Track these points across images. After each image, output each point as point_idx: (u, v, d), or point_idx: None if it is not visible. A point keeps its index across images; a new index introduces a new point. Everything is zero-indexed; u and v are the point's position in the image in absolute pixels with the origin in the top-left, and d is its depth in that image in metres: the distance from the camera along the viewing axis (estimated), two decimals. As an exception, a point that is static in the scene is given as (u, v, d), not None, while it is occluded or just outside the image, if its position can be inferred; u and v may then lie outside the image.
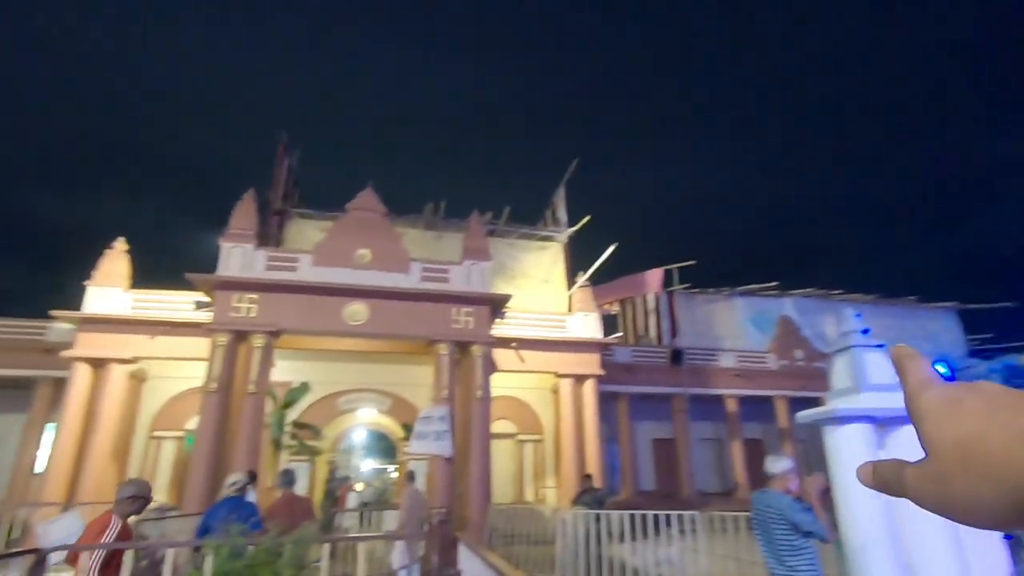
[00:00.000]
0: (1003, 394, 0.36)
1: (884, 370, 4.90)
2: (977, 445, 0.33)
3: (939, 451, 0.36)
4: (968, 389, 0.37)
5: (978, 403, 0.35)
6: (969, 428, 0.34)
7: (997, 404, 0.35)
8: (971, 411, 0.35)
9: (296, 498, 6.38)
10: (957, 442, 0.34)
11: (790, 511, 4.00)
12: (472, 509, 11.09)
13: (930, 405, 0.38)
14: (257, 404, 10.83)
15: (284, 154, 15.93)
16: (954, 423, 0.35)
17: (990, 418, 0.34)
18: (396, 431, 16.57)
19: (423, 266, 12.48)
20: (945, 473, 0.35)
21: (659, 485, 18.39)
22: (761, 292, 21.64)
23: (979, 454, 0.33)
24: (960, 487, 0.34)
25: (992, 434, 0.33)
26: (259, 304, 11.14)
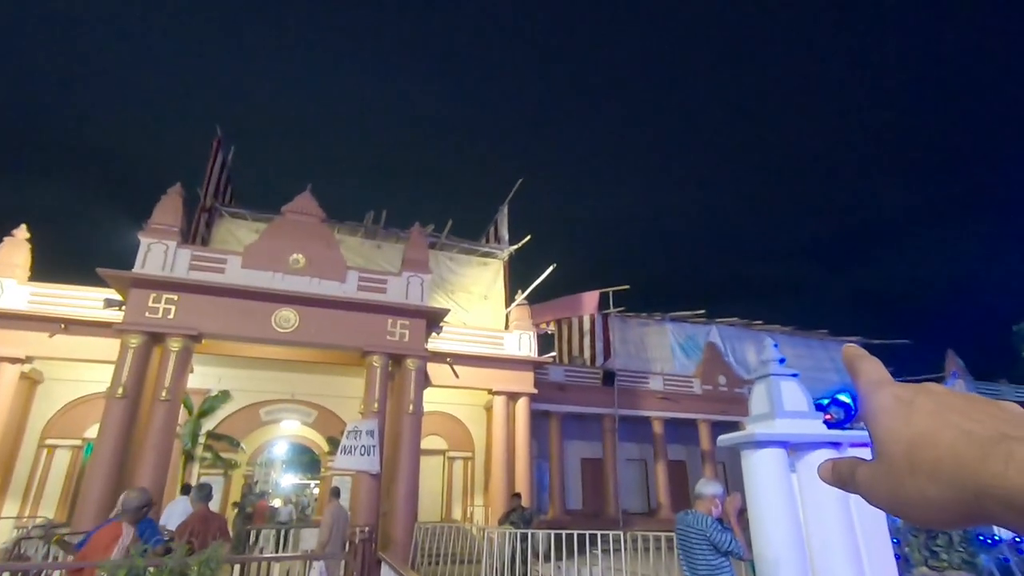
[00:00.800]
0: (952, 396, 0.37)
1: (797, 398, 5.22)
2: (926, 447, 0.34)
3: (889, 452, 0.36)
4: (918, 391, 0.38)
5: (928, 404, 0.36)
6: (919, 429, 0.35)
7: (946, 405, 0.36)
8: (921, 412, 0.36)
9: (211, 515, 5.95)
10: (907, 443, 0.35)
11: (711, 531, 4.16)
12: (397, 528, 10.76)
13: (881, 405, 0.38)
14: (169, 412, 10.08)
15: (218, 149, 15.16)
16: (904, 424, 0.36)
17: (939, 419, 0.35)
18: (321, 445, 15.92)
19: (360, 275, 12.16)
20: (895, 474, 0.36)
21: (586, 504, 18.60)
22: (689, 319, 22.60)
23: (928, 456, 0.34)
24: (910, 488, 0.34)
25: (941, 435, 0.34)
26: (178, 305, 10.44)
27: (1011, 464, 0.29)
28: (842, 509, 4.64)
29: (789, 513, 4.61)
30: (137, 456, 9.66)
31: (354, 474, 11.02)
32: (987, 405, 0.36)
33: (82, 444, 13.40)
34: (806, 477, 4.82)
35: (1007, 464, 0.29)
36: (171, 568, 3.21)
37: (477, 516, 15.55)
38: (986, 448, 0.31)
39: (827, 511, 4.60)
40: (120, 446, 9.45)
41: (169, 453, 10.17)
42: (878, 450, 0.37)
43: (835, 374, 23.11)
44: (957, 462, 0.32)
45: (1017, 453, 0.30)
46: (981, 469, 0.30)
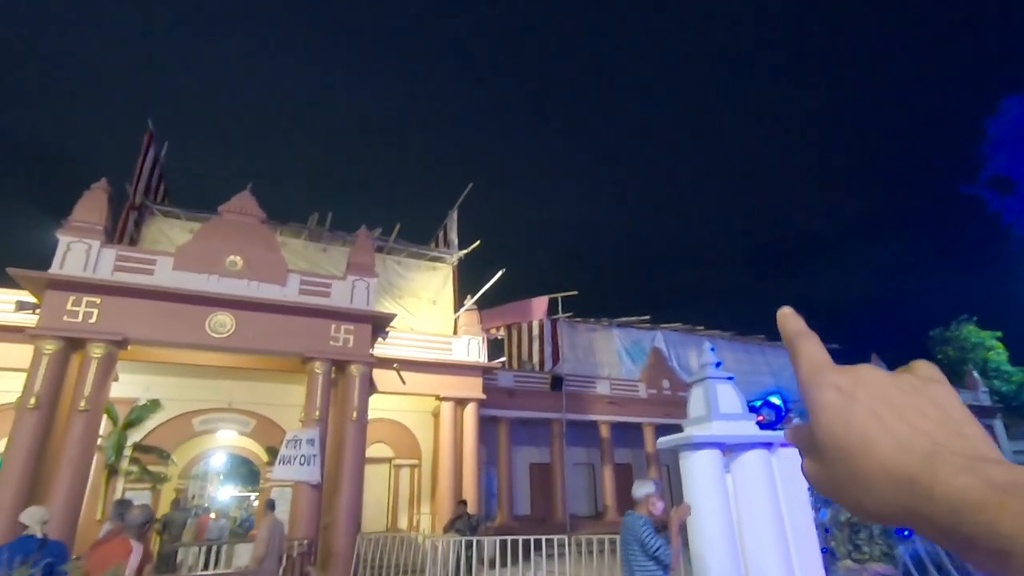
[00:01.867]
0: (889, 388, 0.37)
1: (732, 400, 5.39)
2: (864, 456, 0.34)
3: (828, 455, 0.36)
4: (858, 381, 0.38)
5: (868, 401, 0.36)
6: (858, 434, 0.35)
7: (884, 402, 0.36)
8: (860, 411, 0.36)
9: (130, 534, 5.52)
10: (846, 449, 0.35)
11: (641, 532, 4.20)
12: (339, 539, 10.41)
13: (822, 402, 0.37)
14: (89, 424, 9.38)
15: (149, 144, 14.33)
16: (844, 427, 0.35)
17: (877, 422, 0.35)
18: (260, 455, 15.24)
19: (302, 278, 11.75)
20: (835, 479, 0.36)
21: (535, 510, 18.63)
22: (636, 324, 23.12)
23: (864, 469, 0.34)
24: (847, 495, 0.35)
25: (877, 445, 0.34)
26: (101, 308, 9.75)
27: (936, 487, 0.30)
28: (773, 507, 4.81)
29: (723, 512, 4.75)
30: (52, 471, 8.93)
31: (293, 485, 10.60)
32: (920, 398, 0.36)
33: (-12, 459, 12.29)
34: (740, 477, 4.98)
35: (933, 487, 0.30)
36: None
37: (424, 524, 15.28)
38: (918, 466, 0.32)
39: (759, 509, 4.77)
40: (32, 461, 8.71)
41: (88, 467, 9.46)
42: (819, 451, 0.37)
43: (771, 377, 24.18)
44: (889, 478, 0.32)
45: (943, 475, 0.30)
46: (910, 490, 0.31)
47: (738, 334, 25.23)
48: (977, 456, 0.32)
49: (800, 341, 0.42)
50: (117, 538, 4.40)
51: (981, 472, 0.30)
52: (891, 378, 0.38)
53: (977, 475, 0.30)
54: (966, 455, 0.32)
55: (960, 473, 0.30)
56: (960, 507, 0.29)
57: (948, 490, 0.30)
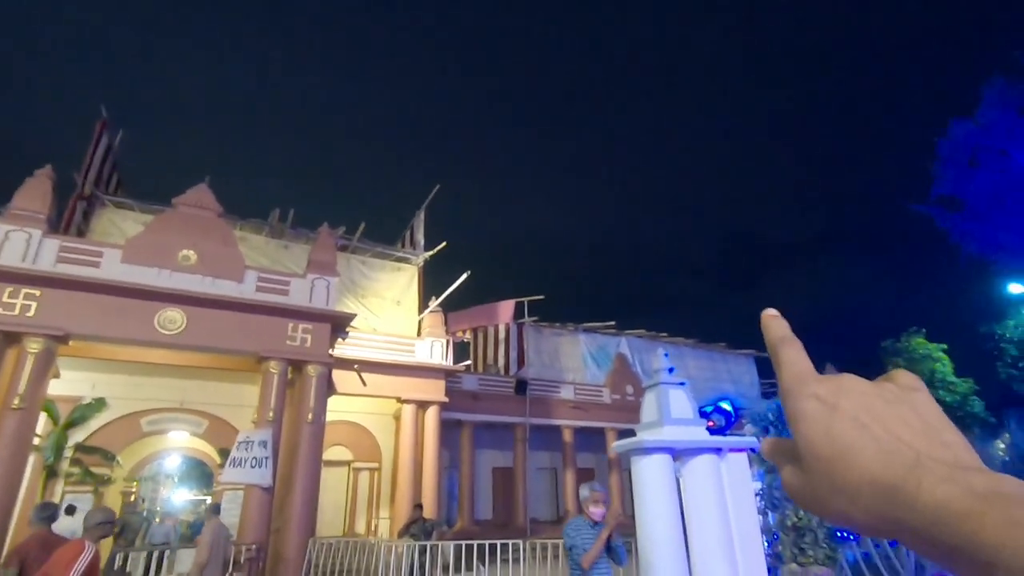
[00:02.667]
0: (872, 397, 0.37)
1: (684, 406, 5.44)
2: (847, 467, 0.34)
3: (810, 465, 0.36)
4: (840, 392, 0.37)
5: (850, 411, 0.36)
6: (840, 446, 0.34)
7: (866, 412, 0.36)
8: (843, 421, 0.35)
9: (54, 538, 5.21)
10: (828, 462, 0.34)
11: (565, 533, 4.20)
12: (290, 544, 10.11)
13: (803, 412, 0.37)
14: (23, 423, 8.88)
15: (102, 132, 13.74)
16: (826, 438, 0.35)
17: (860, 432, 0.34)
18: (213, 457, 14.73)
19: (260, 275, 11.41)
20: (816, 488, 0.35)
21: (496, 514, 18.53)
22: (601, 329, 23.30)
23: (848, 479, 0.33)
24: (832, 506, 0.34)
25: (860, 455, 0.33)
26: (41, 301, 9.26)
27: (920, 497, 0.30)
28: (720, 512, 4.86)
29: (672, 516, 4.77)
30: (-21, 473, 8.42)
31: (245, 487, 10.26)
32: (902, 407, 0.36)
33: (-87, 460, 11.54)
34: (690, 481, 5.02)
35: (916, 496, 0.30)
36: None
37: (382, 529, 15.01)
38: (901, 475, 0.32)
39: (707, 513, 4.81)
40: (-43, 461, 8.20)
41: (22, 468, 8.96)
42: (802, 461, 0.36)
43: (731, 384, 24.69)
44: (873, 488, 0.32)
45: (926, 485, 0.30)
46: (894, 499, 0.31)
47: (700, 341, 25.69)
48: (958, 465, 0.32)
49: (783, 348, 0.41)
50: (72, 539, 4.27)
51: (962, 481, 0.30)
52: (873, 387, 0.38)
53: (959, 484, 0.30)
54: (948, 464, 0.32)
55: (942, 483, 0.30)
56: (943, 517, 0.29)
57: (931, 500, 0.30)
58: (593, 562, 4.07)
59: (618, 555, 4.27)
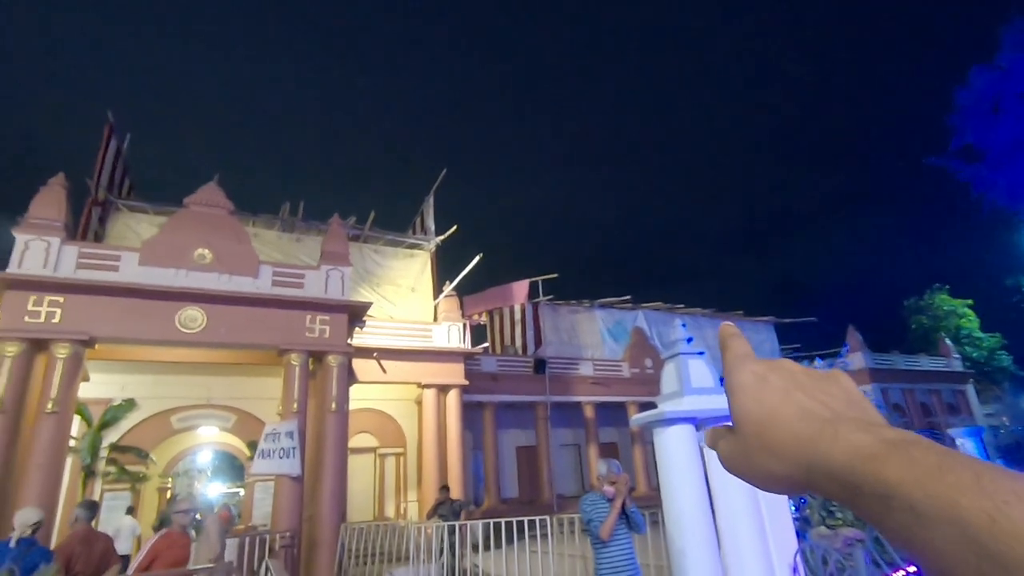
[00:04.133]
0: (801, 374, 0.41)
1: (704, 375, 5.39)
2: (772, 427, 0.38)
3: (743, 428, 0.40)
4: (773, 367, 0.42)
5: (779, 381, 0.40)
6: (767, 408, 0.39)
7: (794, 383, 0.40)
8: (772, 389, 0.40)
9: (95, 535, 5.40)
10: (757, 423, 0.39)
11: (581, 508, 4.23)
12: (323, 530, 10.36)
13: (740, 382, 0.42)
14: (58, 426, 9.15)
15: (110, 136, 13.84)
16: (757, 403, 0.40)
17: (786, 397, 0.39)
18: (243, 450, 15.09)
19: (275, 269, 11.51)
20: (748, 450, 0.39)
21: (522, 492, 18.77)
22: (617, 305, 23.21)
23: (774, 436, 0.38)
24: (758, 463, 0.38)
25: (784, 414, 0.38)
26: (65, 307, 9.46)
27: (836, 444, 0.34)
28: (745, 479, 4.85)
29: (697, 486, 4.77)
30: (21, 476, 8.71)
31: (275, 478, 10.50)
32: (826, 382, 0.40)
33: (-42, 467, 11.98)
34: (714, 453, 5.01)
35: (833, 444, 0.34)
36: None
37: (411, 512, 15.30)
38: (819, 428, 0.36)
39: (733, 482, 4.80)
40: (-1, 466, 8.48)
41: (60, 470, 9.24)
42: (736, 425, 0.41)
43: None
44: (796, 441, 0.36)
45: (842, 433, 0.35)
46: (812, 448, 0.35)
47: (718, 311, 25.48)
48: (873, 422, 0.36)
49: (732, 339, 0.47)
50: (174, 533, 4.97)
51: (875, 432, 0.34)
52: (804, 368, 0.42)
53: (871, 433, 0.34)
54: (863, 421, 0.36)
55: (855, 432, 0.34)
56: (854, 460, 0.33)
57: (845, 446, 0.34)
58: (611, 531, 4.11)
59: (635, 521, 4.31)
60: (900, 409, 23.58)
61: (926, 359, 26.77)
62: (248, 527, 13.19)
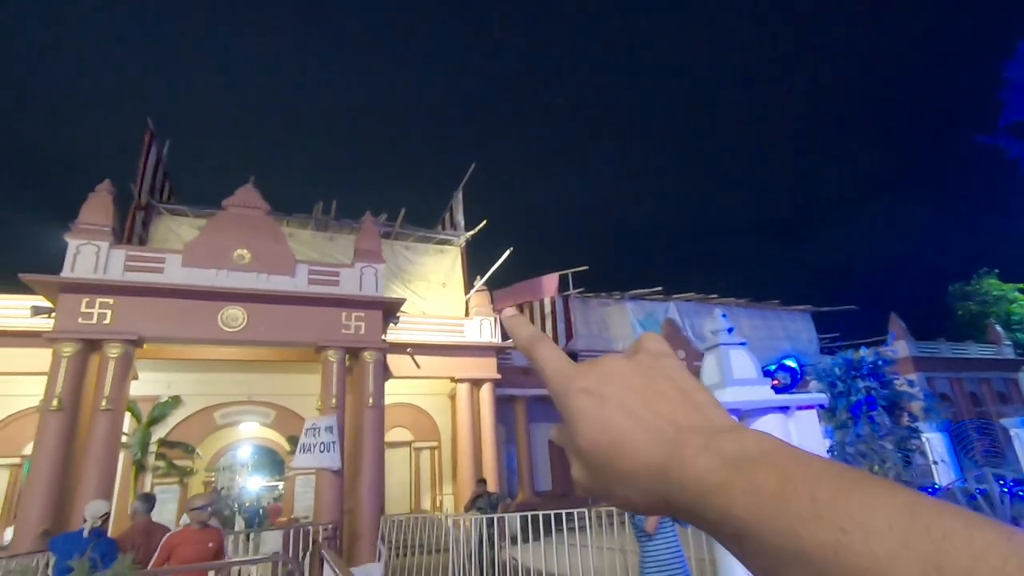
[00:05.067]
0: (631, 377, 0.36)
1: (746, 366, 5.29)
2: (622, 456, 0.33)
3: (592, 461, 0.35)
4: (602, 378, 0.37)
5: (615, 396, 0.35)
6: (614, 433, 0.34)
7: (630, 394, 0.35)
8: (611, 408, 0.35)
9: (154, 527, 5.64)
10: (606, 455, 0.34)
11: None
12: (363, 522, 10.58)
13: (577, 409, 0.36)
14: (112, 423, 9.56)
15: (151, 143, 14.33)
16: (601, 431, 0.34)
17: (628, 417, 0.34)
18: (283, 444, 15.51)
19: (310, 268, 11.76)
20: (603, 482, 0.35)
21: (556, 485, 18.78)
22: (648, 296, 22.96)
23: (625, 468, 0.33)
24: (617, 493, 0.34)
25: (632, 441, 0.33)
26: (115, 309, 9.86)
27: (684, 473, 0.30)
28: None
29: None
30: (79, 471, 9.14)
31: (316, 472, 10.76)
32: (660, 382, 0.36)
33: (21, 462, 12.65)
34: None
35: (681, 473, 0.30)
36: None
37: (447, 505, 15.50)
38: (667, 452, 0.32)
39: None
40: (59, 462, 8.91)
41: (114, 465, 9.66)
42: (583, 458, 0.36)
43: (787, 342, 23.96)
44: (647, 471, 0.32)
45: (687, 458, 0.30)
46: (665, 478, 0.31)
47: (753, 300, 24.96)
48: (713, 429, 0.32)
49: (538, 348, 0.41)
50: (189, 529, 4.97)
51: (716, 449, 0.30)
52: (630, 365, 0.38)
53: (713, 453, 0.30)
54: (704, 431, 0.32)
55: (699, 455, 0.30)
56: (701, 492, 0.29)
57: (692, 474, 0.30)
58: (657, 524, 4.08)
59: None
60: (947, 399, 22.72)
61: (975, 346, 25.71)
62: (291, 519, 13.57)
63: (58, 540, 5.11)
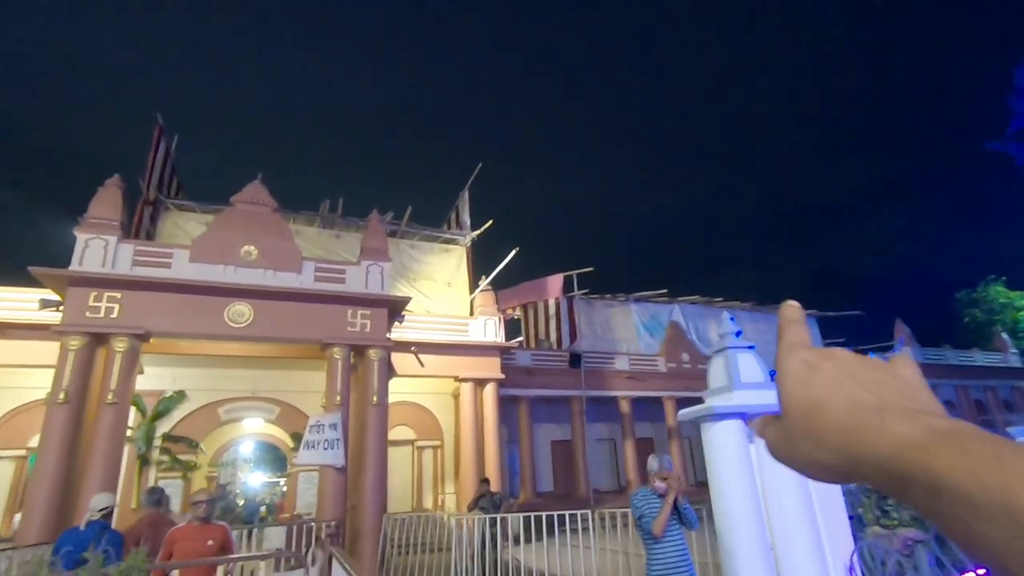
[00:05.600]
0: (853, 362, 0.40)
1: (754, 370, 5.27)
2: (818, 414, 0.37)
3: (790, 414, 0.39)
4: (825, 356, 0.41)
5: (830, 370, 0.39)
6: (816, 396, 0.38)
7: (845, 372, 0.39)
8: (822, 378, 0.39)
9: (163, 519, 5.65)
10: (804, 410, 0.38)
11: (632, 504, 4.17)
12: (366, 520, 10.60)
13: (790, 369, 0.41)
14: (118, 416, 9.60)
15: (159, 138, 14.38)
16: (805, 390, 0.39)
17: (835, 386, 0.38)
18: (286, 441, 15.55)
19: (317, 265, 11.78)
20: (792, 436, 0.38)
21: (557, 486, 18.78)
22: (652, 298, 22.91)
23: (819, 423, 0.37)
24: (802, 450, 0.38)
25: (832, 402, 0.37)
26: (122, 303, 9.90)
27: (882, 434, 0.33)
28: (798, 476, 4.73)
29: (747, 482, 4.67)
30: (85, 464, 9.18)
31: (319, 468, 10.79)
32: (881, 372, 0.39)
33: (26, 454, 12.73)
34: (764, 447, 4.90)
35: (879, 434, 0.34)
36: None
37: (448, 504, 15.51)
38: (865, 417, 0.35)
39: (784, 479, 4.69)
40: (65, 454, 8.96)
41: (119, 459, 9.71)
42: (783, 410, 0.40)
43: (793, 347, 23.87)
44: (840, 429, 0.35)
45: (889, 423, 0.34)
46: (858, 438, 0.34)
47: (758, 304, 24.89)
48: (923, 412, 0.35)
49: (789, 326, 0.46)
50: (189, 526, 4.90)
51: (923, 421, 0.33)
52: (859, 357, 0.41)
53: (919, 423, 0.33)
54: (910, 409, 0.35)
55: (903, 422, 0.33)
56: (902, 450, 0.32)
57: (892, 436, 0.33)
58: (664, 527, 4.06)
59: (688, 518, 4.23)
60: (952, 406, 22.61)
61: (980, 354, 25.57)
62: (294, 515, 13.61)
63: (65, 534, 5.14)
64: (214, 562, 5.03)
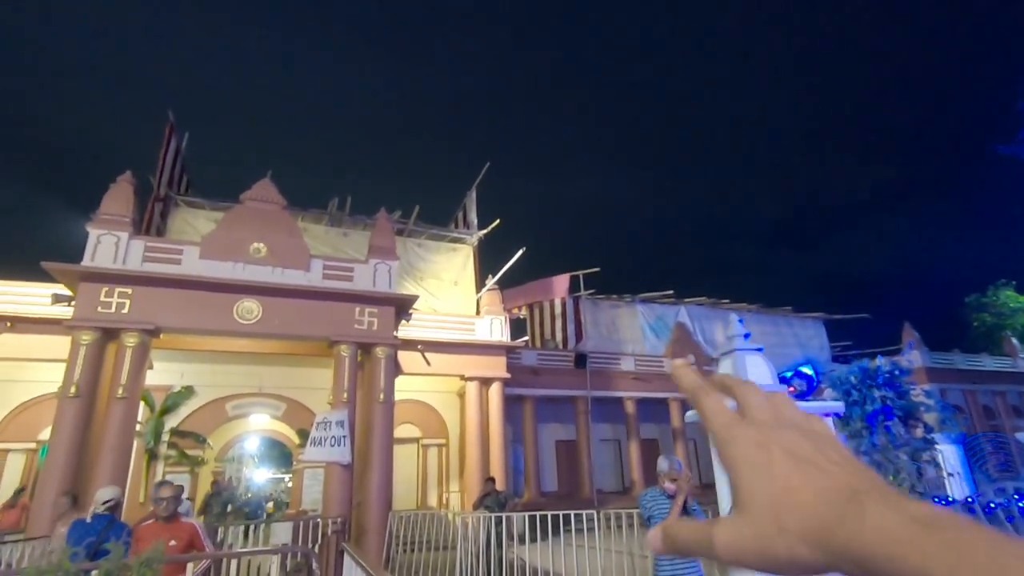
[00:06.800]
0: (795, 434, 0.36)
1: (763, 372, 5.27)
2: (792, 510, 0.33)
3: (754, 511, 0.35)
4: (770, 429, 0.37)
5: (781, 449, 0.35)
6: (780, 486, 0.34)
7: (795, 449, 0.35)
8: (778, 460, 0.35)
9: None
10: (773, 505, 0.34)
11: (641, 504, 4.18)
12: (371, 517, 10.65)
13: (743, 455, 0.36)
14: (127, 411, 9.69)
15: (171, 136, 14.49)
16: (767, 480, 0.34)
17: (796, 468, 0.34)
18: (292, 437, 15.63)
19: (325, 263, 11.84)
20: (764, 535, 0.34)
21: (561, 486, 18.79)
22: (659, 299, 22.86)
23: (795, 519, 0.33)
24: (780, 549, 0.33)
25: (802, 495, 0.33)
26: (133, 299, 9.99)
27: (864, 525, 0.31)
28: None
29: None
30: (95, 457, 9.27)
31: (325, 465, 10.84)
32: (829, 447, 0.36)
33: (37, 447, 12.87)
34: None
35: (861, 525, 0.31)
36: (108, 570, 3.03)
37: (453, 502, 15.55)
38: (841, 506, 0.32)
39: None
40: (76, 448, 9.05)
41: (129, 453, 9.80)
42: (741, 506, 0.35)
43: (798, 349, 23.78)
44: (821, 526, 0.32)
45: (869, 514, 0.31)
46: (838, 530, 0.31)
47: (764, 306, 24.79)
48: (887, 489, 0.33)
49: (703, 398, 0.41)
50: (155, 524, 4.65)
51: (905, 510, 0.30)
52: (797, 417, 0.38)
53: (901, 512, 0.30)
54: (885, 493, 0.32)
55: (884, 510, 0.31)
56: (886, 543, 0.29)
57: (874, 527, 0.30)
58: None
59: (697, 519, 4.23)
60: (961, 411, 22.44)
61: (989, 359, 25.37)
62: (299, 512, 13.68)
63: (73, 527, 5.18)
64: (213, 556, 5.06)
